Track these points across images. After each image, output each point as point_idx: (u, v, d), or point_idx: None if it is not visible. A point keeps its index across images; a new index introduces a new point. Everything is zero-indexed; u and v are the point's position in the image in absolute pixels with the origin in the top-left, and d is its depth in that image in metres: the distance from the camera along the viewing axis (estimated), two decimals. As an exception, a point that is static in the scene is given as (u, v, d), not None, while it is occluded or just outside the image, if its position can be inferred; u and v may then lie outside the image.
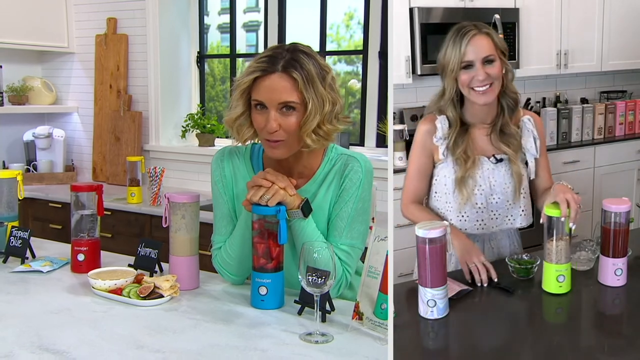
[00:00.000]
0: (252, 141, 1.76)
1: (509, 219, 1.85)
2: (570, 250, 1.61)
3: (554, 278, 1.57)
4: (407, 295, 1.52)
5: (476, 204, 1.81)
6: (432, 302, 1.45)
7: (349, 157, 1.77)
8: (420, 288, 1.46)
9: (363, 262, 1.59)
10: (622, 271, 1.60)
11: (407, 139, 2.65)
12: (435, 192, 1.85)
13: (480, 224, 1.83)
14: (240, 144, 1.77)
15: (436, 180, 1.84)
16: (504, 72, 1.77)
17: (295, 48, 1.65)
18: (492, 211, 1.83)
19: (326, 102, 1.63)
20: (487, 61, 1.74)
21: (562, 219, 1.58)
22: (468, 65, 1.74)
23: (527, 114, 1.88)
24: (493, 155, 1.82)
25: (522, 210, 1.85)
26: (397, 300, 1.32)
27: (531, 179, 1.86)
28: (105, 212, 2.04)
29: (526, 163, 1.85)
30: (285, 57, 1.62)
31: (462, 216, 1.82)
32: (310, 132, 1.63)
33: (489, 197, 1.82)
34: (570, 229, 1.59)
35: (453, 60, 1.74)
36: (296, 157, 1.74)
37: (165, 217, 1.82)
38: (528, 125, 1.85)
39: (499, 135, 1.82)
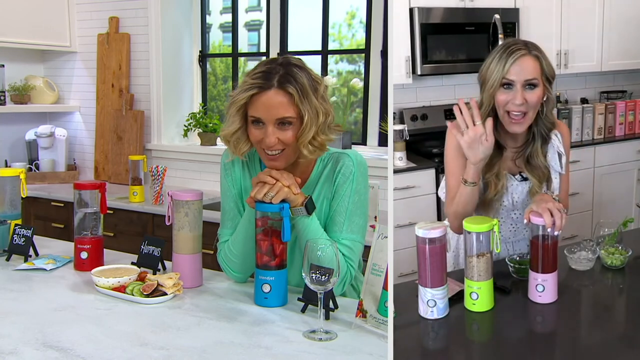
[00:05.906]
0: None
1: (527, 231, 1.79)
2: (491, 268, 1.51)
3: (468, 294, 1.51)
4: (407, 295, 1.53)
5: (500, 218, 1.78)
6: (432, 302, 1.46)
7: (339, 155, 1.78)
8: (420, 288, 1.47)
9: (365, 260, 1.60)
10: (543, 288, 1.53)
11: (407, 139, 2.67)
12: None
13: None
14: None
15: None
16: (544, 99, 1.69)
17: (289, 62, 1.67)
18: (511, 224, 1.83)
19: (320, 114, 1.66)
20: (529, 85, 1.65)
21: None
22: (508, 85, 1.66)
23: (555, 129, 1.79)
24: (519, 174, 1.78)
25: None
26: (397, 300, 1.33)
27: (555, 195, 1.75)
28: (107, 211, 2.05)
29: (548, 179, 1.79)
30: (280, 72, 1.64)
31: None
32: (307, 143, 1.66)
33: (510, 212, 1.81)
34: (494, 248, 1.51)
35: (494, 76, 1.66)
36: (292, 163, 1.76)
37: (169, 216, 1.83)
38: (554, 141, 1.79)
39: (525, 164, 1.76)
